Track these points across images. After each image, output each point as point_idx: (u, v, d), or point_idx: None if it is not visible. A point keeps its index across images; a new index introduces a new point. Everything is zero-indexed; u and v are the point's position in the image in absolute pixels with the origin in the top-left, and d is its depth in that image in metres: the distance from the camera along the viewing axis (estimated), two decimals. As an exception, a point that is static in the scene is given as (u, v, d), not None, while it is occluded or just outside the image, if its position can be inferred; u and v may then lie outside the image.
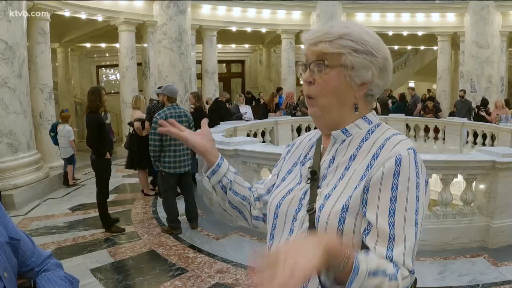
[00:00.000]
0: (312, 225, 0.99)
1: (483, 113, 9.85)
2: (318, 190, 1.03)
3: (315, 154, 1.11)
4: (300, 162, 1.15)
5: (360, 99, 1.05)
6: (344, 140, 1.06)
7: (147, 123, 5.98)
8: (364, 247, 0.95)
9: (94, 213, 5.58)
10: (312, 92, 1.04)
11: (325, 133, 1.10)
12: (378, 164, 0.96)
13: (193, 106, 7.86)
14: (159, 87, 6.74)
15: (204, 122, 1.28)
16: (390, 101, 11.54)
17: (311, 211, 1.00)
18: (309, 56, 1.04)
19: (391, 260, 0.90)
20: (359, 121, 1.06)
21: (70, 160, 7.51)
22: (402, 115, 10.23)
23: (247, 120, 9.14)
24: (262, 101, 12.04)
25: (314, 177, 1.05)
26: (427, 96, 13.28)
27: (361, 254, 0.86)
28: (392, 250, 0.91)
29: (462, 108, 10.40)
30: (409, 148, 0.97)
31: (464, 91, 10.84)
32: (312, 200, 1.02)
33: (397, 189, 0.93)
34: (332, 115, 1.05)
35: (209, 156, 1.20)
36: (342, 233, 0.95)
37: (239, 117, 9.17)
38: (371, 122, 1.06)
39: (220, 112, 8.46)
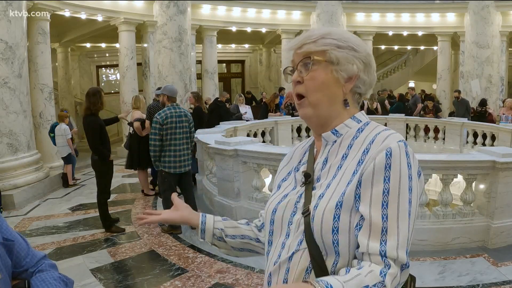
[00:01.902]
0: (307, 228, 0.99)
1: (491, 110, 9.86)
2: (313, 192, 1.04)
3: (308, 158, 1.13)
4: (294, 168, 1.17)
5: (348, 95, 1.07)
6: (335, 141, 1.07)
7: (147, 122, 5.97)
8: (357, 244, 0.94)
9: (94, 213, 5.58)
10: (301, 90, 1.07)
11: (318, 133, 1.11)
12: (369, 158, 0.97)
13: (192, 106, 7.86)
14: (158, 89, 6.73)
15: (174, 196, 1.35)
16: (387, 102, 11.50)
17: (306, 213, 1.01)
18: (296, 60, 1.08)
19: (384, 255, 0.90)
20: (349, 121, 1.07)
21: (67, 160, 7.48)
22: (402, 115, 10.23)
23: (247, 120, 9.14)
24: (264, 100, 12.00)
25: (308, 180, 1.06)
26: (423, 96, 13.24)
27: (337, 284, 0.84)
28: (385, 243, 0.90)
29: (460, 109, 10.38)
30: (399, 141, 0.97)
31: (459, 92, 10.78)
32: (307, 202, 1.03)
33: (389, 181, 0.94)
34: (322, 112, 1.06)
35: (192, 221, 1.27)
36: (337, 231, 0.95)
37: (239, 117, 9.17)
38: (360, 121, 1.08)
39: (220, 112, 8.45)
